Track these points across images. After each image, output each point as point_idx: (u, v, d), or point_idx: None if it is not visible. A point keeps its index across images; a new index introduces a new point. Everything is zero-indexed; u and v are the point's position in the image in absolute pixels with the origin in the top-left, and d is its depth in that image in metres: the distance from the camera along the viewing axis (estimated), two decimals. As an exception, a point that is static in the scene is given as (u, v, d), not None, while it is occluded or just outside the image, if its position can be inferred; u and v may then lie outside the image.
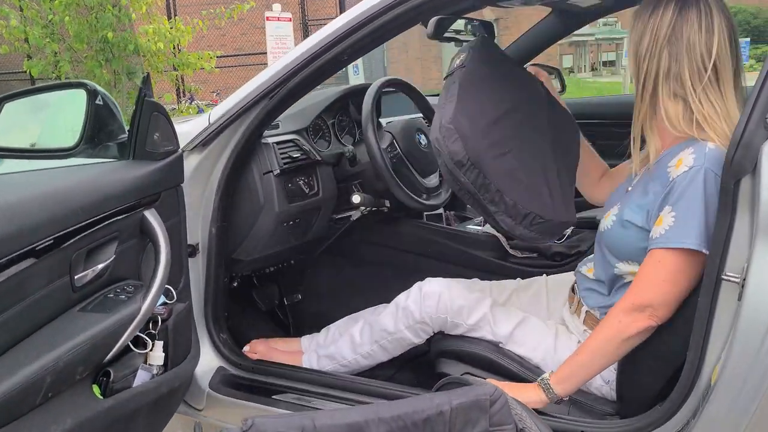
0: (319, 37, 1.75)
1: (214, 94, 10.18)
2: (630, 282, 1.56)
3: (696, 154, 1.42)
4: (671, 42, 1.47)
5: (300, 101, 1.97)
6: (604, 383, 1.66)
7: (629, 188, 1.64)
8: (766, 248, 1.24)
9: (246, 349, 2.05)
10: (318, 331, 2.12)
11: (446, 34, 2.19)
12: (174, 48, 6.76)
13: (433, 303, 1.77)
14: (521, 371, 1.68)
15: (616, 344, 1.47)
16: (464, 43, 1.98)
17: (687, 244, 1.38)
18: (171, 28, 6.43)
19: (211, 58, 6.78)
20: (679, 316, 1.47)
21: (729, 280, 1.30)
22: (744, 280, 1.26)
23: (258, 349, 2.06)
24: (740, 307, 1.27)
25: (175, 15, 7.34)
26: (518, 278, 2.00)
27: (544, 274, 2.00)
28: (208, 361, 1.93)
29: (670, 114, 1.49)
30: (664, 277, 1.42)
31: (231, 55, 11.02)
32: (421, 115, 2.43)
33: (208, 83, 9.75)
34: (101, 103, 1.53)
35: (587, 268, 1.74)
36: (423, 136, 2.20)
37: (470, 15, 2.22)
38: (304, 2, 11.95)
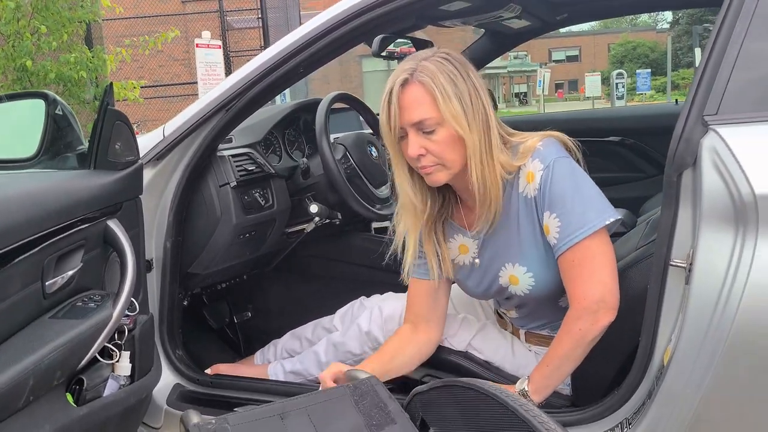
0: (276, 49, 1.79)
1: (136, 125, 9.98)
2: None
3: (538, 158, 1.50)
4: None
5: (252, 116, 2.00)
6: (564, 384, 1.73)
7: (479, 257, 1.65)
8: (709, 234, 1.34)
9: (208, 371, 2.03)
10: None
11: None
12: (95, 78, 6.63)
13: (395, 326, 1.80)
14: (486, 373, 1.73)
15: (583, 348, 1.50)
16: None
17: (586, 230, 1.46)
18: (93, 57, 6.31)
19: (134, 87, 6.68)
20: (625, 307, 1.56)
21: (676, 266, 1.40)
22: (690, 264, 1.37)
23: (221, 369, 2.04)
24: (688, 290, 1.36)
25: (98, 44, 7.16)
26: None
27: None
28: (164, 378, 1.90)
29: (504, 164, 1.52)
30: (590, 267, 1.47)
31: (153, 86, 10.85)
32: (369, 130, 2.50)
33: (129, 115, 9.55)
34: (60, 113, 1.52)
35: (501, 308, 1.79)
36: (374, 149, 2.27)
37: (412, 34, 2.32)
38: (226, 34, 11.93)
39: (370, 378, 1.34)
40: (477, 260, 1.66)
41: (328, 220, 2.22)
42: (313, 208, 2.12)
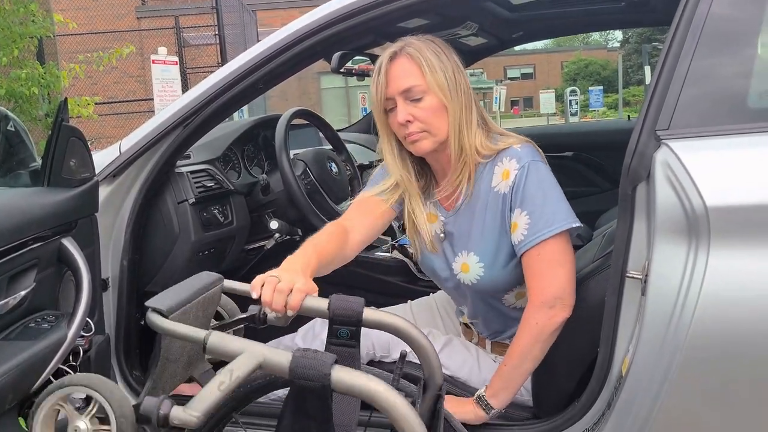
0: (234, 65, 1.78)
1: (90, 142, 9.77)
2: (517, 303, 1.69)
3: (515, 158, 1.57)
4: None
5: (210, 132, 1.99)
6: (524, 390, 1.75)
7: (444, 233, 1.71)
8: (663, 246, 1.37)
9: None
10: None
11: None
12: (48, 94, 6.49)
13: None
14: (451, 389, 1.73)
15: (540, 344, 1.54)
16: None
17: (554, 229, 1.51)
18: (45, 72, 6.17)
19: (88, 104, 6.55)
20: (582, 319, 1.59)
21: (632, 278, 1.43)
22: (646, 276, 1.40)
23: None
24: (644, 300, 1.39)
25: (52, 60, 7.02)
26: (407, 300, 2.07)
27: (431, 292, 2.08)
28: (121, 400, 1.86)
29: (482, 141, 1.61)
30: (552, 265, 1.53)
31: (108, 102, 10.67)
32: (329, 146, 2.50)
33: (83, 132, 9.37)
34: (13, 129, 1.49)
35: (465, 317, 1.83)
36: (333, 164, 2.27)
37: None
38: (182, 51, 11.82)
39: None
40: (442, 234, 1.71)
41: (288, 237, 2.21)
42: (273, 225, 2.11)
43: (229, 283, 1.24)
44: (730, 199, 1.29)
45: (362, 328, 1.19)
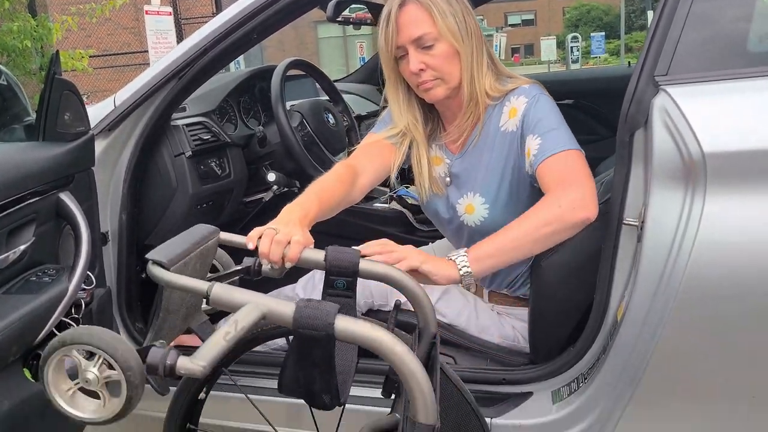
0: (228, 15, 1.75)
1: (85, 96, 9.70)
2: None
3: (523, 94, 1.58)
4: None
5: (205, 84, 1.97)
6: (521, 337, 1.78)
7: (449, 176, 1.72)
8: (659, 193, 1.38)
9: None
10: None
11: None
12: (41, 48, 6.41)
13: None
14: (450, 336, 1.76)
15: (551, 229, 1.42)
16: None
17: (565, 147, 1.49)
18: (37, 25, 6.09)
19: (82, 57, 6.48)
20: (580, 266, 1.60)
21: (629, 225, 1.44)
22: (642, 223, 1.40)
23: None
24: (640, 247, 1.40)
25: (43, 13, 6.91)
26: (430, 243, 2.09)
27: (430, 242, 2.10)
28: (125, 351, 1.89)
29: (491, 84, 1.61)
30: (583, 167, 1.48)
31: (102, 55, 10.54)
32: (326, 96, 2.48)
33: (77, 85, 9.29)
34: (5, 83, 1.47)
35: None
36: (330, 116, 2.25)
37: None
38: (176, 1, 11.62)
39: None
40: (448, 179, 1.72)
41: (286, 189, 2.21)
42: (271, 177, 2.11)
43: (226, 236, 1.25)
44: (727, 145, 1.29)
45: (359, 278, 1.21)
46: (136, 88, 1.82)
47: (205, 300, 1.00)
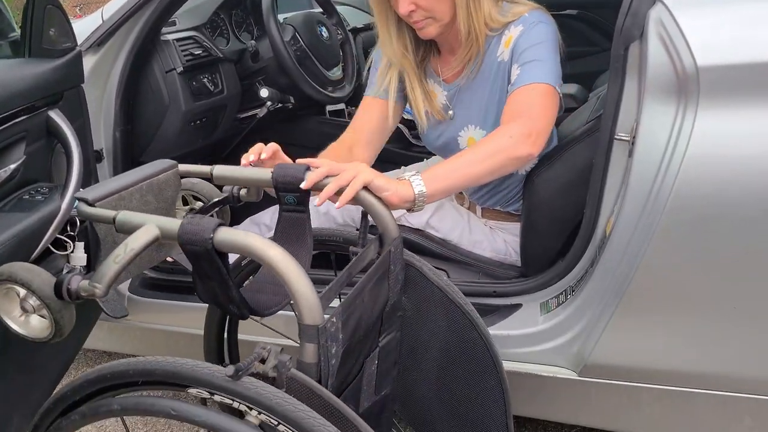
0: None
1: (77, 8, 9.47)
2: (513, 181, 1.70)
3: (521, 24, 1.54)
4: None
5: (194, -4, 1.93)
6: (512, 250, 1.80)
7: (452, 108, 1.71)
8: (652, 107, 1.36)
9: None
10: None
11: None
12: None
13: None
14: (443, 251, 1.78)
15: (500, 160, 1.38)
16: None
17: (541, 80, 1.47)
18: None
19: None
20: (571, 181, 1.60)
21: (620, 140, 1.43)
22: (633, 138, 1.40)
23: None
24: (630, 162, 1.40)
25: None
26: (401, 166, 2.08)
27: (425, 158, 2.10)
28: (123, 267, 1.93)
29: (491, 14, 1.56)
30: (547, 105, 1.47)
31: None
32: (319, 9, 2.42)
33: (70, -3, 9.07)
34: (-13, -2, 1.44)
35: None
36: (324, 29, 2.21)
37: None
38: None
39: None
40: (451, 112, 1.71)
41: (280, 104, 2.19)
42: (264, 93, 2.08)
43: (185, 167, 1.27)
44: (721, 58, 1.26)
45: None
46: (124, 1, 1.78)
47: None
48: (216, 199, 1.29)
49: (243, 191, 1.26)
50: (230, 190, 1.27)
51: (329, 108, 2.63)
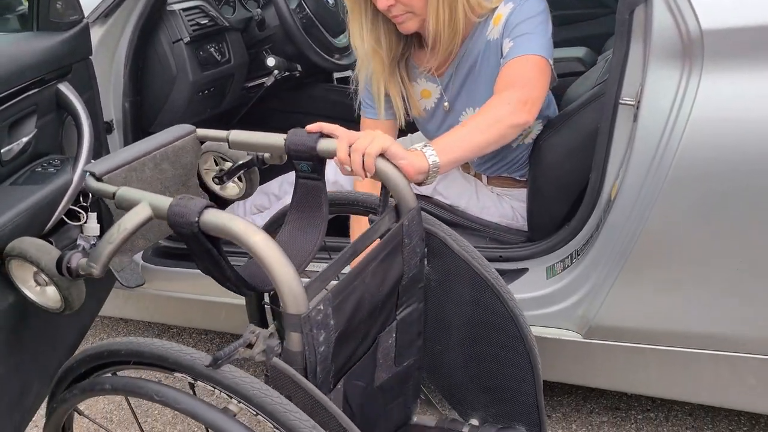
0: None
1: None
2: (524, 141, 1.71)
3: (511, 2, 1.52)
4: None
5: (200, -36, 1.92)
6: (519, 216, 1.81)
7: (447, 101, 1.71)
8: (657, 72, 1.36)
9: None
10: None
11: None
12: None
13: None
14: (452, 217, 1.80)
15: (502, 128, 1.38)
16: None
17: (533, 51, 1.47)
18: None
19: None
20: (577, 146, 1.61)
21: (625, 104, 1.43)
22: (638, 102, 1.40)
23: None
24: (635, 127, 1.41)
25: None
26: (408, 134, 2.08)
27: (409, 134, 2.09)
28: (137, 236, 1.96)
29: (478, 2, 1.54)
30: (538, 76, 1.47)
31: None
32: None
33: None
34: (-7, -29, 1.45)
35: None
36: (330, -5, 2.20)
37: None
38: None
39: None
40: (446, 103, 1.71)
41: (287, 73, 2.19)
42: (270, 62, 2.09)
43: (203, 132, 1.27)
44: (726, 22, 1.26)
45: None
46: (129, -28, 1.78)
47: None
48: (241, 162, 1.27)
49: (266, 154, 1.24)
50: (255, 153, 1.26)
51: (336, 75, 2.62)
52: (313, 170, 1.19)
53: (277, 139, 1.20)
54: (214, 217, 0.91)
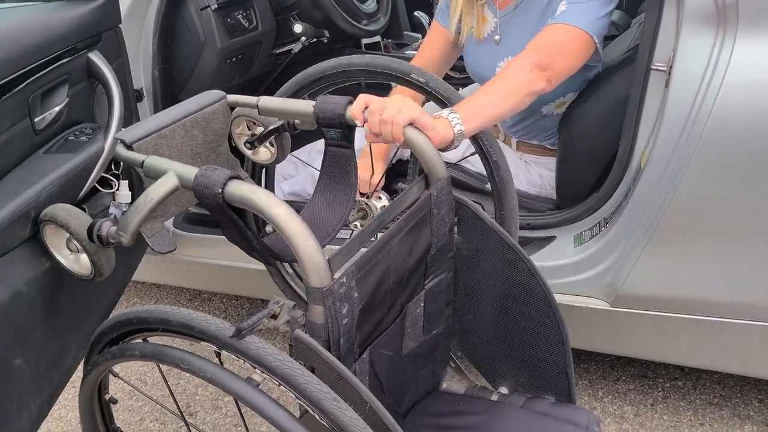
0: None
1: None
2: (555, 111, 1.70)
3: None
4: None
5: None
6: (548, 184, 1.80)
7: (499, 34, 1.70)
8: (690, 37, 1.33)
9: None
10: None
11: None
12: None
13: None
14: (473, 182, 1.80)
15: (522, 96, 1.39)
16: None
17: (579, 24, 1.46)
18: None
19: None
20: (608, 114, 1.58)
21: (657, 70, 1.41)
22: (670, 68, 1.37)
23: None
24: (667, 93, 1.38)
25: None
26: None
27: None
28: (167, 203, 1.99)
29: None
30: (571, 49, 1.46)
31: None
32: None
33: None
34: (23, -59, 1.46)
35: None
36: (357, -40, 2.17)
37: None
38: None
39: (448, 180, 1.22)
40: (497, 37, 1.72)
41: (315, 39, 2.19)
42: (297, 28, 2.08)
43: (233, 97, 1.27)
44: (763, -17, 1.22)
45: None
46: (156, -60, 1.78)
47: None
48: (272, 127, 1.27)
49: (297, 120, 1.23)
50: (285, 120, 1.25)
51: (364, 41, 2.60)
52: (342, 137, 1.18)
53: (306, 105, 1.20)
54: (237, 188, 0.92)
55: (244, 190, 0.92)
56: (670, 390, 1.86)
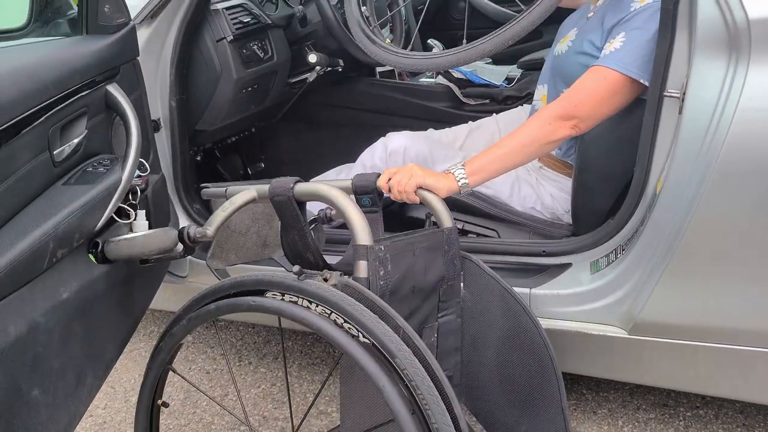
0: None
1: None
2: None
3: None
4: None
5: (243, -36, 1.95)
6: (563, 210, 1.80)
7: (589, 15, 1.71)
8: (702, 63, 1.33)
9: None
10: None
11: None
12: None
13: (399, 159, 1.85)
14: (489, 209, 1.80)
15: (538, 147, 1.53)
16: None
17: (633, 73, 1.49)
18: None
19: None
20: (623, 139, 1.58)
21: (670, 96, 1.40)
22: (683, 94, 1.37)
23: None
24: (680, 119, 1.38)
25: None
26: (468, 121, 2.08)
27: (494, 114, 2.09)
28: (186, 231, 2.01)
29: None
30: (603, 95, 1.51)
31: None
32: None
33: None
34: (45, -23, 1.49)
35: (541, 95, 1.83)
36: (370, -10, 2.20)
37: None
38: None
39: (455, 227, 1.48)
40: (575, 29, 1.75)
41: (330, 68, 2.21)
42: (312, 58, 2.10)
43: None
44: (775, 10, 1.22)
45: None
46: (173, -26, 1.82)
47: None
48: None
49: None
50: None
51: (379, 69, 2.63)
52: (372, 203, 1.46)
53: (345, 183, 1.47)
54: (303, 185, 1.29)
55: (308, 186, 1.30)
56: (692, 419, 1.83)
